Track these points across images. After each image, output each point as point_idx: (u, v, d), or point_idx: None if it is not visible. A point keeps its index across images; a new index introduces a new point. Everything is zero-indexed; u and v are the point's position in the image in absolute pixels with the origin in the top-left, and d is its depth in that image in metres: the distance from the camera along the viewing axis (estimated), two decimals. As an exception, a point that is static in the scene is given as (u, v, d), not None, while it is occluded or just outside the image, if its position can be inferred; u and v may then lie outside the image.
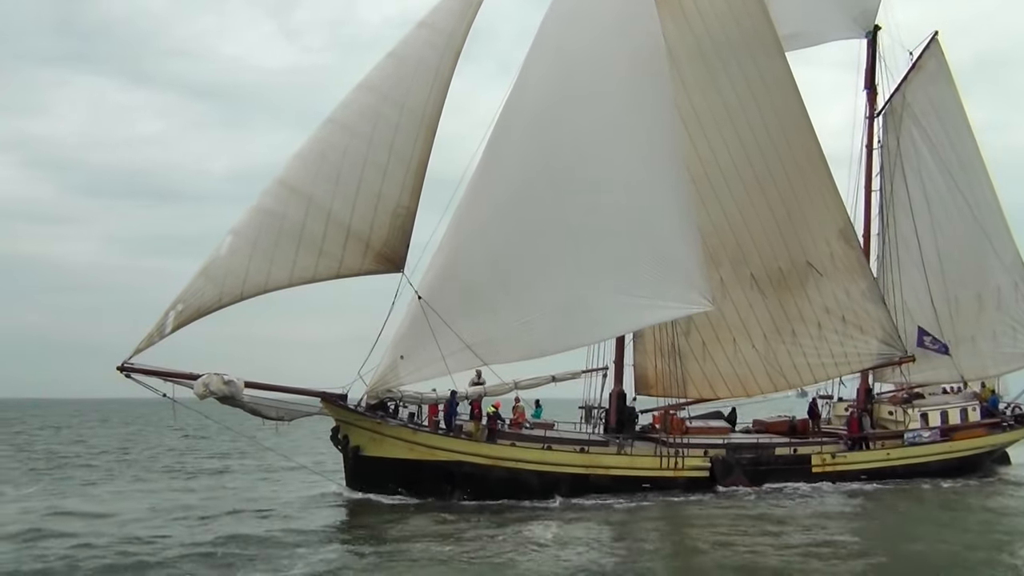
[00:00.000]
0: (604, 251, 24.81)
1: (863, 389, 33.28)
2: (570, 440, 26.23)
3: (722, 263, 28.81)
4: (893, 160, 33.95)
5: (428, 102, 24.25)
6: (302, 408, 24.31)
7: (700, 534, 20.03)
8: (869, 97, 34.62)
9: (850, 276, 29.72)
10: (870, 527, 21.58)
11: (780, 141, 28.61)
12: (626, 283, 24.82)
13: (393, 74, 24.37)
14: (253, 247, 22.80)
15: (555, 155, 24.92)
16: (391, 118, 23.93)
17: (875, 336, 29.88)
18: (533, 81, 25.47)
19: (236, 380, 22.70)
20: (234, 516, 21.65)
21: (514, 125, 25.18)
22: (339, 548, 17.90)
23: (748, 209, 28.68)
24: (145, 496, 25.18)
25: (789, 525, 20.87)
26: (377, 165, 23.63)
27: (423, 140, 24.10)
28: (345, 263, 23.44)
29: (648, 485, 25.70)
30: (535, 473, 24.64)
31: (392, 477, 23.93)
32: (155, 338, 22.35)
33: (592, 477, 25.19)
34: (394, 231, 23.81)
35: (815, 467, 28.26)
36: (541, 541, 18.66)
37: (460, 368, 24.48)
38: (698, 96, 28.50)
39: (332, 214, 23.26)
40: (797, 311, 29.27)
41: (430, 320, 23.91)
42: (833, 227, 29.45)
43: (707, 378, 29.22)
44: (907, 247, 33.64)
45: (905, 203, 33.67)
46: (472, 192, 25.02)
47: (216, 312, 22.76)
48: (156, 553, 17.06)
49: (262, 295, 22.96)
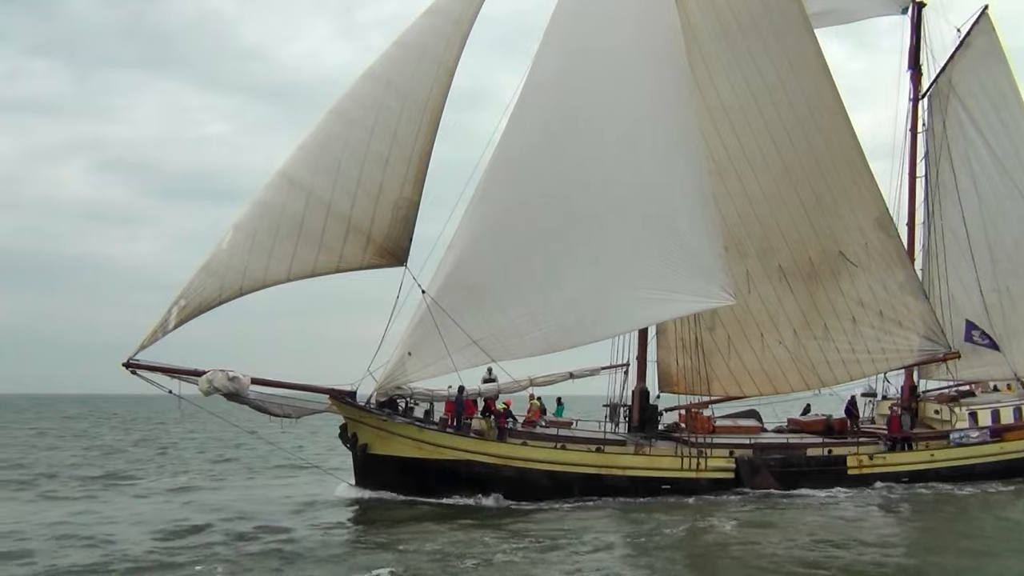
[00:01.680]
0: (616, 244, 23.82)
1: (907, 386, 31.45)
2: (585, 439, 25.22)
3: (748, 254, 27.41)
4: (939, 144, 31.97)
5: (432, 90, 23.49)
6: (310, 405, 23.81)
7: (713, 539, 18.90)
8: (913, 78, 32.67)
9: (887, 267, 27.98)
10: (906, 536, 20.08)
11: (810, 125, 27.06)
12: (639, 277, 23.78)
13: (397, 62, 23.68)
14: (252, 241, 22.33)
15: (566, 146, 23.96)
16: (394, 107, 23.25)
17: (916, 331, 28.09)
18: (544, 72, 24.48)
19: (241, 376, 22.34)
20: (240, 515, 21.39)
21: (525, 117, 24.28)
22: (344, 548, 17.51)
23: (775, 197, 27.19)
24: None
25: (813, 533, 19.39)
26: (378, 156, 22.97)
27: (426, 130, 23.37)
28: (345, 257, 22.85)
29: (668, 487, 24.60)
30: (546, 473, 23.76)
31: (399, 476, 23.31)
32: (158, 334, 22.04)
33: (608, 478, 24.19)
34: (396, 223, 23.12)
35: (851, 468, 26.70)
36: (549, 543, 17.83)
37: (467, 365, 23.71)
38: (722, 79, 27.15)
39: (332, 207, 22.67)
40: (829, 304, 27.67)
41: (435, 316, 23.23)
42: (868, 215, 27.74)
43: (733, 375, 27.84)
44: (954, 236, 31.66)
45: (952, 190, 31.70)
46: (482, 185, 24.23)
47: (217, 307, 22.48)
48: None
49: (260, 290, 22.53)
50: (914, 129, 32.54)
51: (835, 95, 27.26)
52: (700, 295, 24.31)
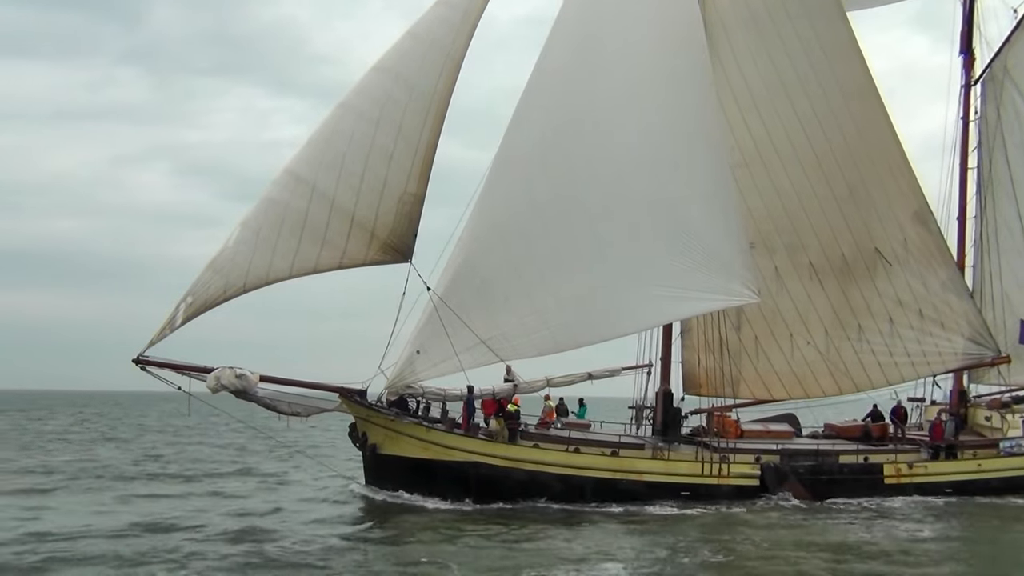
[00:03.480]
0: (628, 240, 22.91)
1: (956, 391, 29.60)
2: (600, 442, 24.34)
3: (776, 250, 26.08)
4: (993, 133, 29.96)
5: (439, 83, 22.94)
6: (319, 404, 23.57)
7: (725, 549, 17.83)
8: (965, 63, 30.72)
9: (928, 264, 26.26)
10: (944, 555, 18.52)
11: (843, 114, 25.55)
12: (653, 274, 22.80)
13: (406, 55, 23.21)
14: (257, 237, 22.17)
15: (575, 138, 23.12)
16: (400, 100, 22.78)
17: (960, 333, 26.30)
18: (552, 63, 23.64)
19: (249, 374, 22.15)
20: (248, 514, 21.24)
21: (533, 108, 23.49)
22: (349, 549, 17.25)
23: (805, 190, 25.77)
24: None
25: (833, 547, 18.14)
26: (383, 150, 22.54)
27: (432, 123, 22.83)
28: (348, 253, 22.49)
29: (687, 493, 23.56)
30: (557, 476, 22.98)
31: (407, 476, 22.87)
32: (167, 331, 22.12)
33: (623, 483, 23.29)
34: (400, 219, 22.66)
35: (887, 478, 25.16)
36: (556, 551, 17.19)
37: (475, 364, 23.09)
38: (750, 67, 25.88)
39: (335, 202, 22.32)
40: (864, 303, 26.09)
41: (441, 313, 22.70)
42: (906, 209, 26.08)
43: (761, 377, 26.53)
44: (1009, 231, 29.58)
45: (1007, 182, 29.62)
46: (489, 179, 23.57)
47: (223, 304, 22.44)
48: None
49: (264, 287, 22.35)
50: (966, 117, 30.53)
51: (870, 82, 25.70)
52: (719, 293, 23.20)
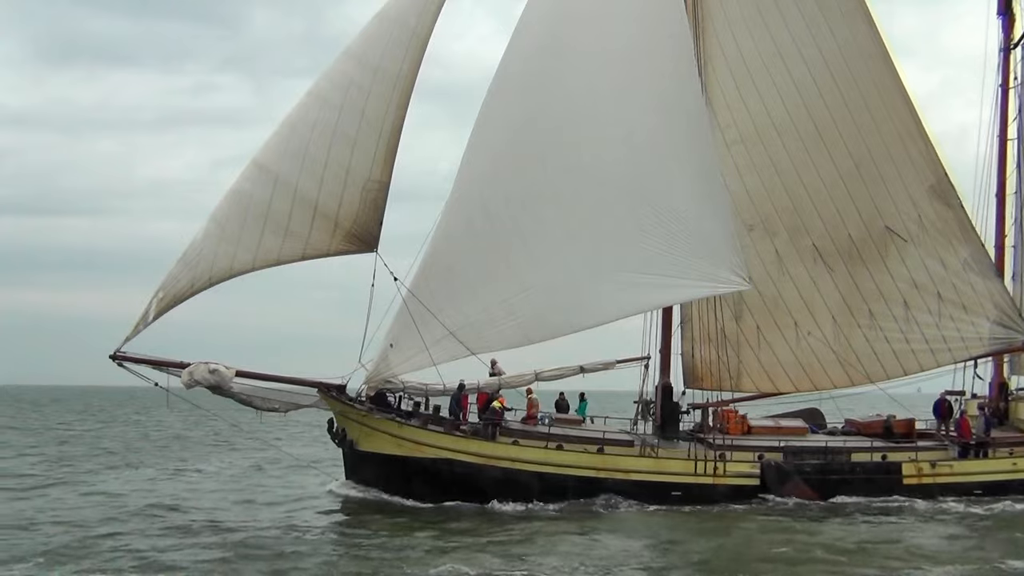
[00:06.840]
0: (601, 224, 21.57)
1: (996, 383, 27.04)
2: (584, 438, 23.02)
3: (777, 233, 24.24)
4: (1036, 100, 27.34)
5: (404, 63, 22.10)
6: (297, 399, 23.10)
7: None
8: (1005, 25, 28.15)
9: (946, 242, 23.92)
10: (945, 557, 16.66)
11: (846, 81, 23.53)
12: (631, 260, 21.43)
13: (371, 37, 22.51)
14: (222, 230, 21.86)
15: (543, 115, 21.96)
16: (364, 84, 22.02)
17: (985, 316, 23.89)
18: (525, 46, 22.54)
19: (223, 369, 21.85)
20: (230, 511, 21.11)
21: (505, 93, 22.43)
22: (325, 549, 16.90)
23: (806, 167, 23.85)
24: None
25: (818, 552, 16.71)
26: (346, 136, 21.83)
27: (396, 107, 22.00)
28: (311, 243, 21.86)
29: (679, 493, 22.09)
30: (536, 475, 21.83)
31: (382, 473, 22.18)
32: (140, 326, 22.08)
33: (608, 482, 22.00)
34: (365, 207, 21.90)
35: (907, 477, 23.04)
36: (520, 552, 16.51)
37: (446, 358, 22.16)
38: (745, 37, 24.14)
39: (298, 191, 21.71)
40: (875, 287, 23.96)
41: (410, 305, 21.88)
42: (921, 183, 23.82)
43: (764, 369, 24.67)
44: (1053, 207, 26.99)
45: (1051, 153, 27.04)
46: (461, 168, 22.63)
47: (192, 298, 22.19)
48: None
49: (228, 279, 21.96)
50: (1005, 84, 27.94)
51: (876, 40, 23.60)
52: (705, 279, 21.64)
